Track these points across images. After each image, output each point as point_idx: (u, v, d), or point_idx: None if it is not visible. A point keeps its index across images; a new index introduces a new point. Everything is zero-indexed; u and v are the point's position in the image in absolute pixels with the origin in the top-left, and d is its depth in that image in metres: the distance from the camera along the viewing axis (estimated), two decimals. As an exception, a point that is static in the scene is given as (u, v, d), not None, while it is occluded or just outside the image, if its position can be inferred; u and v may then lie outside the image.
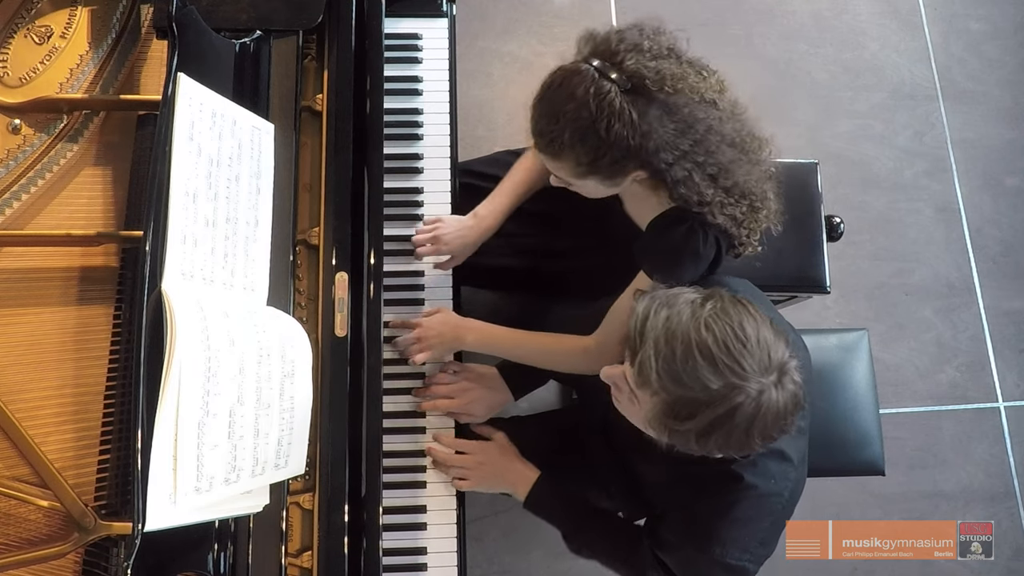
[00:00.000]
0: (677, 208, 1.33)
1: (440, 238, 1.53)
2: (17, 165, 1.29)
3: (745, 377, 1.02)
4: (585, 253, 1.67)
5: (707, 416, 1.04)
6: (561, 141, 1.21)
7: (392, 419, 1.46)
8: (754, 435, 1.05)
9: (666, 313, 1.06)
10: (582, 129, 1.19)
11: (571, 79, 1.20)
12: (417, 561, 1.42)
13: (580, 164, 1.23)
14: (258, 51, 1.37)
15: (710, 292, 1.10)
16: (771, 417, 1.04)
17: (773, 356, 1.04)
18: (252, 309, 1.19)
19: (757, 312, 1.07)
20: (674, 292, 1.11)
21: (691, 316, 1.05)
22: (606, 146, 1.20)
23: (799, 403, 1.07)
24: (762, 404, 1.03)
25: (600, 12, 2.66)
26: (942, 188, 2.65)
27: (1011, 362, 2.53)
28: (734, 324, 1.04)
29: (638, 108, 1.18)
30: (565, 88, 1.20)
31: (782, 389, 1.04)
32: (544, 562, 2.18)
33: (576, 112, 1.18)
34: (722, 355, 1.02)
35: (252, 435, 1.11)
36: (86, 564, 1.15)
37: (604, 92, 1.18)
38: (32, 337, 1.22)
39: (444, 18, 1.66)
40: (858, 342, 1.89)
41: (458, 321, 1.50)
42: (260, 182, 1.27)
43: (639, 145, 1.20)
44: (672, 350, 1.04)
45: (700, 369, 1.02)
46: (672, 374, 1.04)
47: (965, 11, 2.82)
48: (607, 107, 1.17)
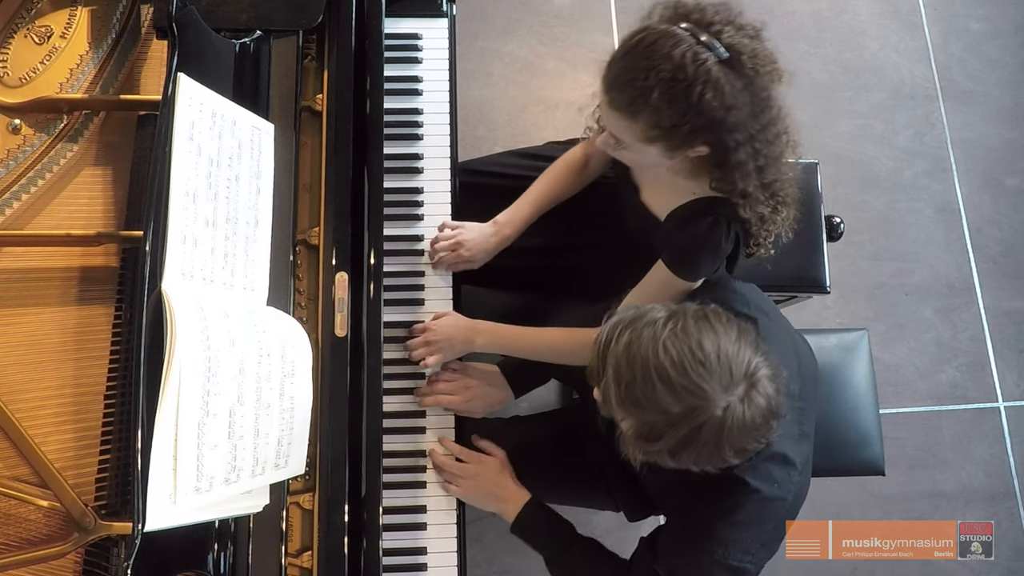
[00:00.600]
0: (703, 199, 1.33)
1: (462, 244, 1.53)
2: (17, 165, 1.29)
3: (705, 397, 1.01)
4: (590, 251, 1.67)
5: (673, 437, 1.04)
6: (646, 99, 1.16)
7: (392, 419, 1.46)
8: (724, 450, 1.05)
9: (627, 337, 1.06)
10: (674, 91, 1.16)
11: (667, 39, 1.16)
12: (417, 561, 1.42)
13: (656, 128, 1.20)
14: (258, 51, 1.37)
15: (675, 310, 1.09)
16: (738, 432, 1.04)
17: (736, 371, 1.03)
18: (252, 309, 1.19)
19: (723, 325, 1.06)
20: (639, 312, 1.09)
21: (650, 339, 1.04)
22: (692, 113, 1.17)
23: (773, 412, 1.06)
24: (726, 421, 1.02)
25: (600, 12, 2.66)
26: (942, 188, 2.65)
27: (1011, 362, 2.53)
28: (692, 344, 1.03)
29: (730, 82, 1.17)
30: (660, 47, 1.16)
31: (749, 403, 1.03)
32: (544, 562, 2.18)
33: (672, 73, 1.15)
34: (680, 378, 1.01)
35: (252, 435, 1.11)
36: (86, 564, 1.15)
37: (702, 59, 1.15)
38: (32, 337, 1.22)
39: (444, 18, 1.66)
40: (858, 342, 1.89)
41: (468, 323, 1.50)
42: (260, 182, 1.27)
43: (722, 119, 1.18)
44: (633, 375, 1.04)
45: (659, 394, 1.02)
46: (633, 400, 1.04)
47: (965, 11, 2.82)
48: (703, 74, 1.15)
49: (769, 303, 1.35)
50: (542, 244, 1.70)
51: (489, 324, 1.51)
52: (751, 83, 1.19)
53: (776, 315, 1.34)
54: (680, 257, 1.37)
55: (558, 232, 1.69)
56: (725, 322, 1.07)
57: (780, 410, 1.07)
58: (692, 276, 1.39)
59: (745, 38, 1.19)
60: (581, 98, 1.55)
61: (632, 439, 1.08)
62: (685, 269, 1.37)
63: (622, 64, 1.19)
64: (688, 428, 1.03)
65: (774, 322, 1.29)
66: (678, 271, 1.37)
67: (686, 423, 1.03)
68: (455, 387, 1.49)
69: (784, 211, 1.34)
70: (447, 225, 1.55)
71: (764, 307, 1.30)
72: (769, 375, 1.06)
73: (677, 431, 1.03)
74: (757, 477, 1.19)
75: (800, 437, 1.25)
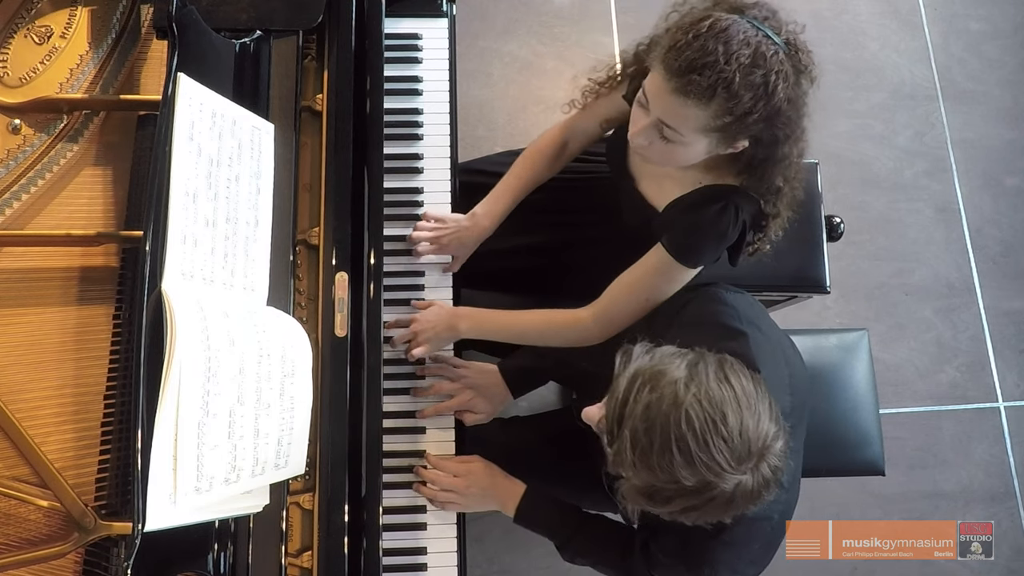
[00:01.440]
0: (713, 187, 1.33)
1: (439, 238, 1.53)
2: (17, 165, 1.29)
3: (721, 474, 1.00)
4: (586, 248, 1.67)
5: (680, 504, 1.03)
6: (726, 81, 1.14)
7: (392, 419, 1.46)
8: (726, 515, 1.05)
9: (647, 398, 1.01)
10: (753, 77, 1.15)
11: (737, 27, 1.16)
12: (417, 561, 1.42)
13: (728, 114, 1.18)
14: (258, 51, 1.37)
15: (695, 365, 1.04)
16: (742, 501, 1.03)
17: (753, 447, 1.01)
18: (252, 309, 1.19)
19: (744, 389, 1.03)
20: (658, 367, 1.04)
21: (672, 404, 1.00)
22: (764, 100, 1.17)
23: (776, 481, 1.05)
24: (736, 494, 1.02)
25: (600, 12, 2.66)
26: (942, 188, 2.65)
27: (1011, 362, 2.53)
28: (716, 416, 0.99)
29: (792, 75, 1.18)
30: (734, 33, 1.15)
31: (757, 474, 1.02)
32: (544, 562, 2.18)
33: (752, 58, 1.15)
34: (700, 452, 0.99)
35: (252, 435, 1.11)
36: (86, 564, 1.15)
37: (775, 50, 1.16)
38: (32, 337, 1.22)
39: (444, 18, 1.66)
40: (858, 342, 1.89)
41: (451, 310, 1.50)
42: (260, 182, 1.27)
43: (784, 110, 1.19)
44: (650, 441, 1.00)
45: (676, 466, 0.99)
46: (648, 466, 1.01)
47: (965, 11, 2.82)
48: (777, 63, 1.16)
49: (761, 313, 1.33)
50: (537, 243, 1.70)
51: (471, 309, 1.50)
52: (801, 80, 1.21)
53: (768, 326, 1.32)
54: (683, 240, 1.35)
55: (555, 231, 1.69)
56: (745, 382, 1.04)
57: (781, 477, 1.06)
58: (692, 262, 1.37)
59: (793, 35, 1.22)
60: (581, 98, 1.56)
61: (634, 495, 1.06)
62: (686, 254, 1.36)
63: (697, 48, 1.15)
64: (698, 500, 1.02)
65: (765, 335, 1.26)
66: (678, 255, 1.36)
67: (696, 495, 1.01)
68: (455, 389, 1.49)
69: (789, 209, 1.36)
70: (428, 216, 1.55)
71: (755, 319, 1.27)
72: (780, 448, 1.04)
73: (687, 500, 1.02)
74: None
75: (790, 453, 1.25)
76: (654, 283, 1.40)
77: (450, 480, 1.44)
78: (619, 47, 2.63)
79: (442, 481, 1.44)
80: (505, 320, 1.50)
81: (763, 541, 1.23)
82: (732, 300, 1.28)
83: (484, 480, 1.44)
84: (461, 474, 1.44)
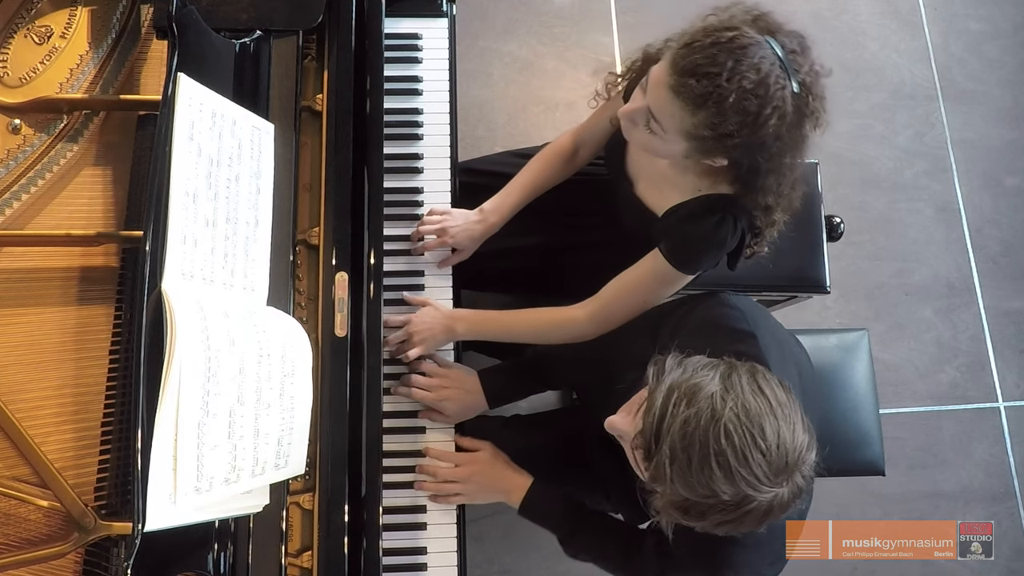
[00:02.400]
0: (711, 196, 1.33)
1: (447, 230, 1.53)
2: (17, 165, 1.29)
3: (759, 488, 0.99)
4: (587, 250, 1.67)
5: (716, 518, 1.03)
6: (718, 97, 1.14)
7: (392, 419, 1.46)
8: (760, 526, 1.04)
9: (684, 414, 1.00)
10: (747, 103, 1.14)
11: (758, 49, 1.15)
12: (417, 561, 1.42)
13: (710, 129, 1.18)
14: (258, 51, 1.37)
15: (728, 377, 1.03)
16: (778, 511, 1.03)
17: (790, 459, 1.00)
18: (252, 309, 1.19)
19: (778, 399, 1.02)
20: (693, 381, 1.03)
21: (711, 419, 0.99)
22: (749, 130, 1.16)
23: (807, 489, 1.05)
24: (773, 506, 1.01)
25: (600, 12, 2.66)
26: (942, 188, 2.65)
27: (1011, 362, 2.53)
28: (755, 430, 0.99)
29: (791, 118, 1.18)
30: (751, 54, 1.14)
31: (792, 484, 1.02)
32: (544, 562, 2.18)
33: (755, 85, 1.14)
34: (740, 467, 0.98)
35: (252, 435, 1.11)
36: (86, 564, 1.15)
37: (782, 84, 1.16)
38: (32, 337, 1.22)
39: (444, 18, 1.66)
40: (858, 342, 1.89)
41: (447, 312, 1.50)
42: (260, 182, 1.27)
43: (768, 145, 1.19)
44: (689, 458, 0.99)
45: (715, 480, 0.98)
46: (686, 482, 1.00)
47: (965, 11, 2.82)
48: (779, 99, 1.15)
49: (765, 315, 1.33)
50: (539, 245, 1.70)
51: (468, 311, 1.51)
52: (802, 124, 1.20)
53: (774, 327, 1.32)
54: (682, 249, 1.36)
55: (554, 232, 1.69)
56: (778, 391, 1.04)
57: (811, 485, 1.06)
58: (691, 270, 1.39)
59: (814, 78, 1.20)
60: (582, 98, 1.56)
61: (669, 509, 1.05)
62: (685, 263, 1.37)
63: (708, 54, 1.15)
64: (736, 514, 1.01)
65: (772, 336, 1.26)
66: (677, 264, 1.37)
67: (734, 509, 1.01)
68: (432, 384, 1.48)
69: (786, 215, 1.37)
70: (434, 211, 1.55)
71: (761, 321, 1.28)
72: (813, 458, 1.04)
73: (724, 515, 1.02)
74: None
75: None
76: (651, 287, 1.41)
77: (453, 470, 1.44)
78: (619, 47, 2.63)
79: (444, 472, 1.44)
80: (500, 320, 1.51)
81: (783, 540, 1.23)
82: (736, 303, 1.28)
83: (489, 469, 1.45)
84: (465, 462, 1.44)
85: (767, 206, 1.31)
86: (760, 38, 1.17)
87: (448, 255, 1.56)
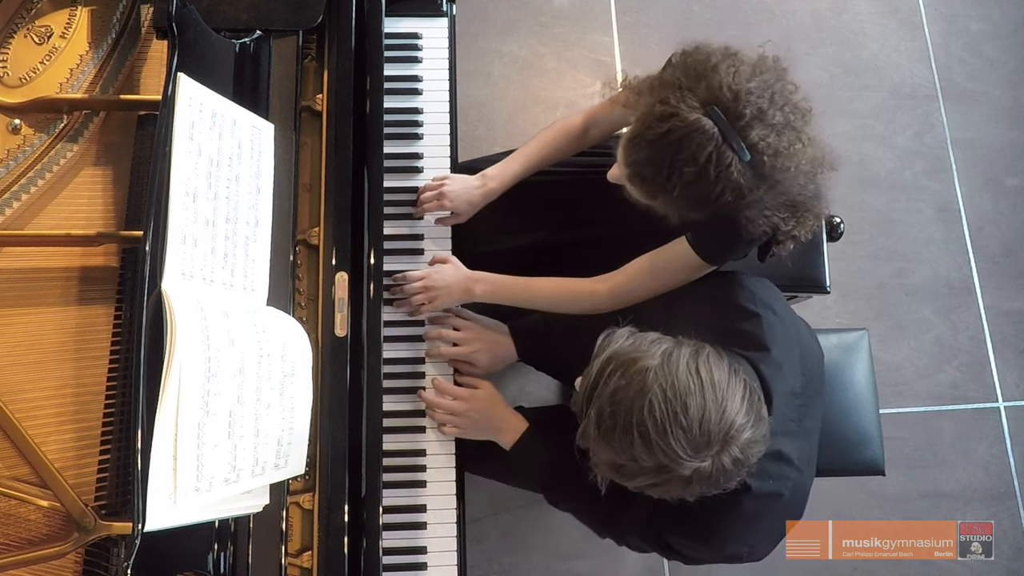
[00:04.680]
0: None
1: (446, 195, 1.54)
2: (17, 165, 1.29)
3: (676, 460, 1.04)
4: (599, 245, 1.67)
5: (643, 481, 1.09)
6: (665, 190, 1.20)
7: (392, 419, 1.46)
8: (687, 494, 1.10)
9: (615, 383, 1.07)
10: (693, 191, 1.18)
11: (693, 137, 1.15)
12: (417, 561, 1.42)
13: (670, 209, 1.24)
14: (258, 51, 1.37)
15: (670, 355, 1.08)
16: (699, 483, 1.08)
17: (714, 437, 1.05)
18: (252, 309, 1.19)
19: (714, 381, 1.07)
20: (632, 354, 1.09)
21: (638, 391, 1.05)
22: (706, 204, 1.20)
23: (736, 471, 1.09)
24: (692, 477, 1.06)
25: (600, 12, 2.66)
26: (942, 188, 2.65)
27: (1011, 362, 2.53)
28: (677, 407, 1.04)
29: (749, 182, 1.18)
30: (686, 147, 1.16)
31: (716, 461, 1.06)
32: (544, 562, 2.18)
33: (695, 176, 1.16)
34: (659, 440, 1.04)
35: (252, 435, 1.11)
36: (86, 564, 1.15)
37: (726, 163, 1.16)
38: (32, 337, 1.22)
39: (444, 18, 1.66)
40: (858, 342, 1.89)
41: (467, 273, 1.52)
42: (260, 182, 1.27)
43: (735, 208, 1.21)
44: (613, 424, 1.06)
45: (636, 448, 1.05)
46: (609, 445, 1.07)
47: (965, 11, 2.82)
48: (724, 179, 1.16)
49: (778, 298, 1.35)
50: (547, 239, 1.70)
51: (487, 274, 1.52)
52: (771, 179, 1.20)
53: (784, 310, 1.34)
54: (711, 242, 1.37)
55: (563, 227, 1.70)
56: (716, 373, 1.08)
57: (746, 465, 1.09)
58: (716, 262, 1.40)
59: (772, 135, 1.17)
60: (582, 97, 1.56)
61: (602, 467, 1.12)
62: (712, 255, 1.38)
63: (647, 154, 1.19)
64: (658, 478, 1.07)
65: (780, 317, 1.29)
66: (704, 255, 1.38)
67: (656, 474, 1.07)
68: (461, 338, 1.51)
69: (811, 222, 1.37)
70: (436, 178, 1.57)
71: (771, 303, 1.30)
72: (747, 438, 1.07)
73: (648, 478, 1.08)
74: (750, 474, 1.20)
75: (798, 433, 1.25)
76: (675, 272, 1.42)
77: (451, 403, 1.46)
78: (619, 47, 2.63)
79: (445, 404, 1.46)
80: (520, 285, 1.52)
81: (774, 518, 1.25)
82: (749, 283, 1.32)
83: (487, 406, 1.47)
84: (465, 397, 1.47)
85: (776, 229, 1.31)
86: (699, 120, 1.15)
87: (447, 216, 1.57)
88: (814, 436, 1.31)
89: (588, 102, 1.62)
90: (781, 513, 1.26)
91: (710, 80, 1.18)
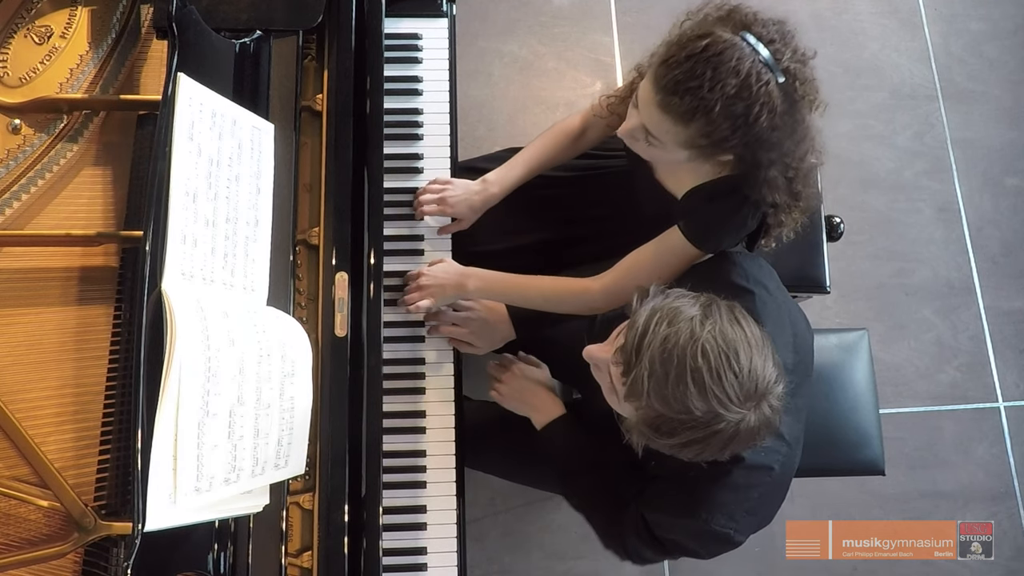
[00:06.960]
0: (731, 177, 1.34)
1: (446, 200, 1.55)
2: (17, 165, 1.29)
3: (729, 407, 1.05)
4: (598, 244, 1.67)
5: (686, 436, 1.08)
6: (706, 108, 1.16)
7: (392, 419, 1.46)
8: (725, 452, 1.10)
9: (664, 332, 1.07)
10: (735, 107, 1.16)
11: (733, 51, 1.15)
12: (417, 561, 1.42)
13: (705, 137, 1.20)
14: (258, 51, 1.37)
15: (709, 306, 1.10)
16: (744, 439, 1.08)
17: (760, 385, 1.06)
18: (252, 309, 1.19)
19: (752, 333, 1.09)
20: (674, 304, 1.10)
21: (689, 338, 1.06)
22: (743, 129, 1.18)
23: (771, 425, 1.10)
24: (740, 430, 1.07)
25: (600, 12, 2.66)
26: (942, 188, 2.65)
27: (1011, 362, 2.53)
28: (730, 352, 1.05)
29: (782, 107, 1.18)
30: (727, 58, 1.15)
31: (758, 413, 1.07)
32: (544, 562, 2.18)
33: (738, 89, 1.15)
34: (713, 385, 1.04)
35: (252, 435, 1.11)
36: (86, 564, 1.15)
37: (765, 80, 1.16)
38: (32, 337, 1.22)
39: (444, 18, 1.66)
40: (858, 342, 1.89)
41: (460, 269, 1.53)
42: (260, 182, 1.27)
43: (766, 139, 1.20)
44: (666, 372, 1.05)
45: (689, 396, 1.05)
46: (662, 396, 1.06)
47: (965, 11, 2.82)
48: (764, 96, 1.16)
49: (771, 276, 1.36)
50: (548, 239, 1.70)
51: (480, 270, 1.53)
52: (796, 109, 1.21)
53: (776, 288, 1.35)
54: (703, 229, 1.37)
55: (563, 227, 1.70)
56: (753, 327, 1.10)
57: (777, 423, 1.11)
58: (709, 249, 1.40)
59: (799, 63, 1.20)
60: (582, 97, 1.56)
61: (640, 427, 1.11)
62: (705, 242, 1.38)
63: (686, 69, 1.17)
64: (705, 432, 1.06)
65: (773, 295, 1.30)
66: (697, 242, 1.38)
67: (703, 427, 1.06)
68: (459, 318, 1.54)
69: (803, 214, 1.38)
70: (437, 180, 1.58)
71: (764, 281, 1.31)
72: (780, 392, 1.09)
73: (694, 432, 1.07)
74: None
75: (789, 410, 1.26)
76: (668, 264, 1.42)
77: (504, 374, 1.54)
78: (619, 47, 2.63)
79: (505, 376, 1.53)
80: (513, 282, 1.53)
81: (762, 491, 1.25)
82: (742, 261, 1.32)
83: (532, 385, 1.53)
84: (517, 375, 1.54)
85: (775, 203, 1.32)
86: (734, 38, 1.17)
87: (448, 223, 1.58)
88: (803, 415, 1.32)
89: (588, 102, 1.62)
90: (769, 489, 1.26)
91: (734, 16, 1.20)
